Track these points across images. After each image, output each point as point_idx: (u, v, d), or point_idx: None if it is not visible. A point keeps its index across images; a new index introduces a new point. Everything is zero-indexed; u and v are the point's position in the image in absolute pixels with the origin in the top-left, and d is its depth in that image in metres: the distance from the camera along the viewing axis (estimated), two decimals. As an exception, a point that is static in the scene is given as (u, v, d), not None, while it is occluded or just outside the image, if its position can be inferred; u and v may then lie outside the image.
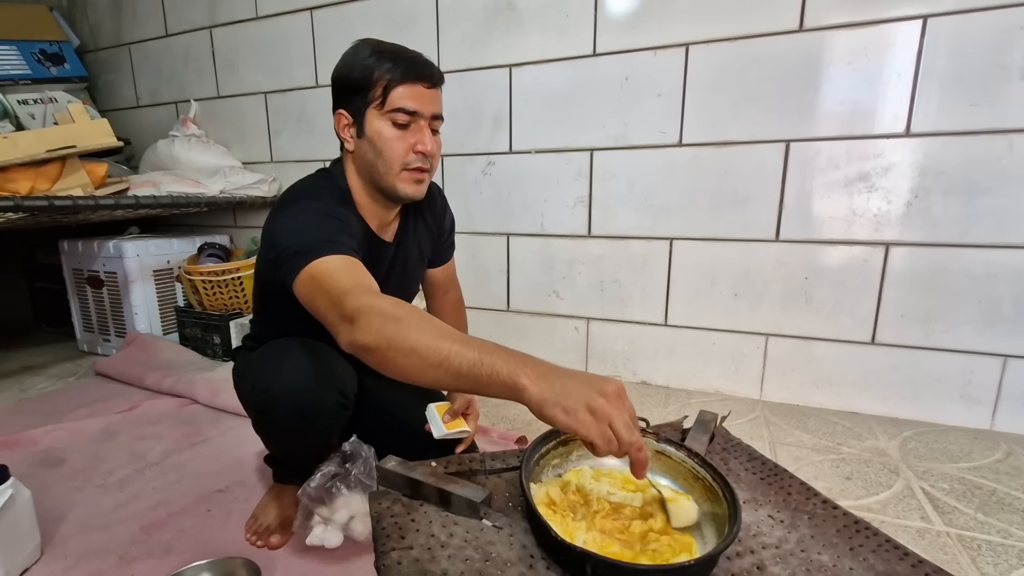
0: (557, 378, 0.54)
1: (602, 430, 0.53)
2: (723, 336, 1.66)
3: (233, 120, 2.30)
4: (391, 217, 0.99)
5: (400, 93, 0.85)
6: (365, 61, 0.86)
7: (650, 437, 0.70)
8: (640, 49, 1.60)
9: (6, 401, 1.68)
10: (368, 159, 0.89)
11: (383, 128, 0.87)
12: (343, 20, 1.97)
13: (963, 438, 1.38)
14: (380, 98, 0.86)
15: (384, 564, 0.54)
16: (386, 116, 0.86)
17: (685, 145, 1.60)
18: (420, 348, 0.58)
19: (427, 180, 0.93)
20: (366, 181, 0.92)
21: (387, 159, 0.87)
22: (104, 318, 2.11)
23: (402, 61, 0.86)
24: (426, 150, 0.88)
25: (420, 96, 0.86)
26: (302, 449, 0.97)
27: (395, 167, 0.88)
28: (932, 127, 1.36)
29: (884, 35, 1.37)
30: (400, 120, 0.86)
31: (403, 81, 0.85)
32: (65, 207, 1.58)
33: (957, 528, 1.02)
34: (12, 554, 0.88)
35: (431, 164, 0.91)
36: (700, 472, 0.65)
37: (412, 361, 0.59)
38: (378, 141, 0.87)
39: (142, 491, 1.17)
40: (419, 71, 0.86)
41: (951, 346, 1.43)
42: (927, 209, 1.40)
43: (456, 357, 0.57)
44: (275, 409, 0.86)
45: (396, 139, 0.87)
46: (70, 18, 2.57)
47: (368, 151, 0.89)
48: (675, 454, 0.69)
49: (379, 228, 0.97)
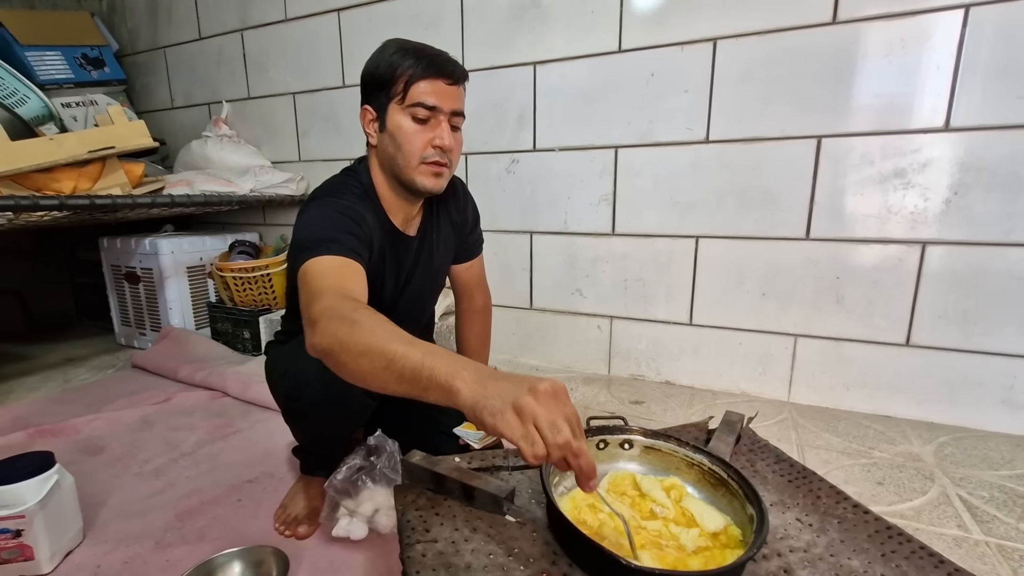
0: (492, 380, 0.52)
1: (526, 431, 0.48)
2: (750, 336, 1.63)
3: (263, 120, 2.36)
4: (415, 212, 1.02)
5: (421, 88, 0.88)
6: (390, 58, 0.89)
7: (639, 435, 0.69)
8: (666, 45, 1.57)
9: (52, 391, 1.76)
10: (389, 152, 0.92)
11: (403, 122, 0.89)
12: (370, 21, 2.00)
13: (1004, 445, 1.33)
14: (402, 93, 0.88)
15: (409, 556, 0.55)
16: (407, 110, 0.89)
17: (712, 142, 1.57)
18: (370, 351, 0.58)
19: (446, 174, 0.94)
20: (388, 175, 0.95)
21: (406, 152, 0.90)
22: (140, 313, 2.19)
23: (424, 58, 0.88)
24: (443, 144, 0.90)
25: (440, 92, 0.89)
26: (330, 436, 0.99)
27: (414, 160, 0.90)
28: (974, 121, 1.31)
29: (923, 26, 1.32)
30: (420, 115, 0.88)
31: (424, 76, 0.87)
32: (105, 205, 1.65)
33: (997, 538, 0.99)
34: (58, 536, 0.93)
35: (450, 159, 0.93)
36: (719, 473, 0.64)
37: (362, 364, 0.59)
38: (398, 135, 0.90)
39: (176, 480, 1.21)
40: (440, 67, 0.89)
41: (992, 349, 1.38)
42: (967, 207, 1.35)
43: (401, 359, 0.55)
44: (305, 395, 0.89)
45: (415, 133, 0.89)
46: (109, 23, 2.66)
47: (389, 145, 0.92)
48: (693, 457, 0.68)
49: (403, 223, 1.00)
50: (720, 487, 0.65)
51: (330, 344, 0.62)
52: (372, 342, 0.58)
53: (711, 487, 0.66)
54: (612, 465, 0.70)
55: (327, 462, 1.03)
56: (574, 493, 0.64)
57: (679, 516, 0.62)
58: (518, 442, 0.48)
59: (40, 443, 1.36)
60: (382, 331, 0.60)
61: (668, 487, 0.66)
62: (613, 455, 0.71)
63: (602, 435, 0.71)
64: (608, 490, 0.66)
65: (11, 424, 1.48)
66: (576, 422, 0.50)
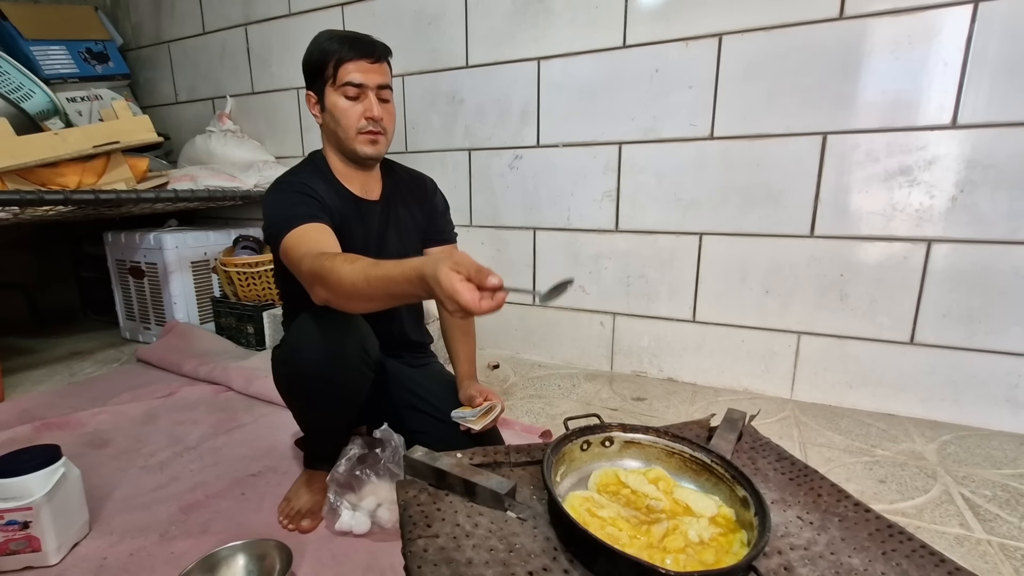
0: (431, 259, 0.66)
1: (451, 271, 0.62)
2: (753, 333, 1.63)
3: (266, 115, 2.36)
4: (371, 180, 1.14)
5: (347, 69, 1.01)
6: (321, 46, 1.02)
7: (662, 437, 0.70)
8: (671, 40, 1.56)
9: (57, 384, 1.78)
10: (331, 129, 1.06)
11: (338, 101, 1.03)
12: (373, 16, 1.99)
13: (1008, 443, 1.32)
14: (332, 76, 1.02)
15: (411, 551, 0.56)
16: (339, 90, 1.02)
17: (717, 138, 1.57)
18: (356, 289, 0.74)
19: (382, 141, 1.07)
20: (336, 148, 1.09)
21: (344, 126, 1.04)
22: (145, 307, 2.20)
23: (347, 42, 1.01)
24: (373, 115, 1.03)
25: (365, 70, 1.01)
26: (329, 411, 1.00)
27: (351, 132, 1.04)
28: (981, 118, 1.30)
29: (930, 22, 1.31)
30: (350, 93, 1.02)
31: (349, 59, 1.01)
32: (110, 200, 1.65)
33: (999, 536, 0.99)
34: (65, 529, 0.94)
35: (384, 127, 1.06)
36: (720, 471, 0.64)
37: (355, 302, 0.78)
38: (335, 112, 1.03)
39: (181, 473, 1.22)
40: (362, 48, 1.01)
41: (997, 348, 1.37)
42: (974, 204, 1.34)
43: (376, 281, 0.72)
44: (300, 359, 0.94)
45: (349, 108, 1.03)
46: (113, 17, 2.66)
47: (330, 122, 1.05)
48: (696, 456, 0.68)
49: (362, 190, 1.12)
50: (704, 472, 0.66)
51: (327, 296, 0.80)
52: (354, 280, 0.74)
53: (694, 473, 0.68)
54: (596, 464, 0.71)
55: (330, 454, 1.05)
56: (572, 496, 0.64)
57: (674, 506, 0.63)
58: (455, 285, 0.61)
59: (46, 436, 1.38)
60: (354, 269, 0.75)
61: (654, 479, 0.67)
62: (596, 455, 0.71)
63: (584, 436, 0.71)
64: (598, 489, 0.66)
65: (18, 417, 1.50)
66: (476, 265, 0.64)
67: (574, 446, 0.70)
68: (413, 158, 2.03)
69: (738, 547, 0.56)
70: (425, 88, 1.96)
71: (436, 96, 1.95)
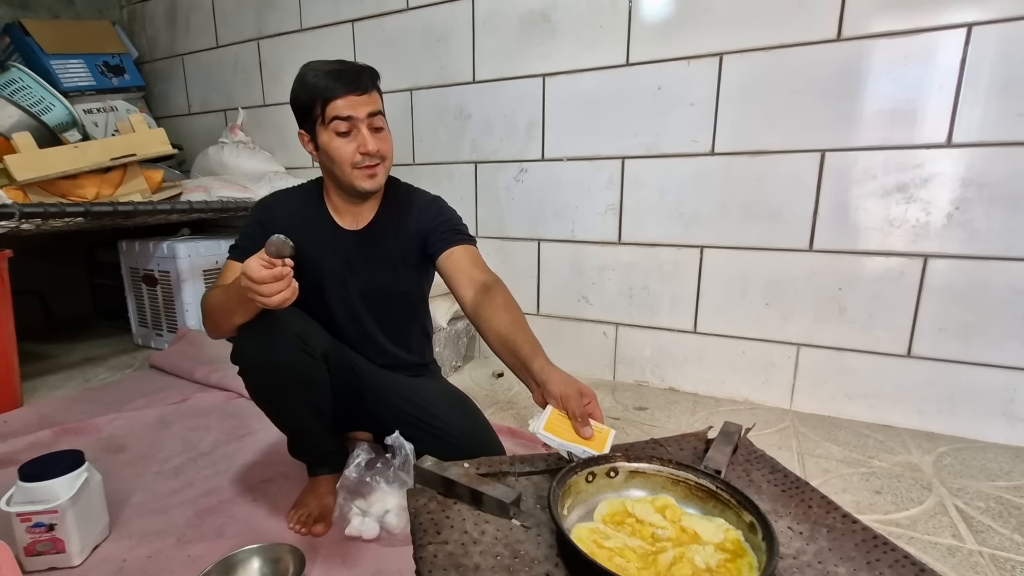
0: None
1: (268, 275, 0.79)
2: (753, 345, 1.66)
3: (277, 127, 2.41)
4: (367, 208, 1.14)
5: (336, 107, 0.99)
6: (307, 85, 1.01)
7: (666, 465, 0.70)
8: (673, 59, 1.61)
9: (73, 390, 1.82)
10: (327, 167, 1.06)
11: (330, 139, 1.01)
12: (383, 32, 2.05)
13: (1003, 456, 1.35)
14: (321, 114, 1.00)
15: (422, 556, 0.59)
16: (329, 128, 1.00)
17: (718, 154, 1.60)
18: (213, 312, 0.96)
19: (380, 172, 1.06)
20: (334, 183, 1.09)
21: (339, 163, 1.02)
22: (158, 314, 2.25)
23: (331, 76, 0.99)
24: (368, 150, 1.01)
25: (352, 104, 0.99)
26: (287, 401, 1.03)
27: (347, 168, 1.02)
28: (976, 137, 1.33)
29: (926, 44, 1.34)
30: (341, 128, 1.00)
31: (335, 96, 0.98)
32: (127, 212, 1.71)
33: (991, 548, 1.01)
34: (87, 531, 0.98)
35: (381, 156, 1.04)
36: (726, 498, 0.65)
37: (213, 327, 1.00)
38: (329, 150, 1.02)
39: (195, 478, 1.26)
40: (347, 82, 0.99)
41: (993, 361, 1.40)
42: (969, 221, 1.37)
43: (228, 300, 0.90)
44: (239, 355, 0.98)
45: (342, 145, 1.01)
46: (129, 31, 2.73)
47: (326, 160, 1.05)
48: (701, 483, 0.68)
49: (352, 220, 1.13)
50: (710, 499, 0.67)
51: (205, 326, 1.01)
52: (212, 305, 0.95)
53: (700, 500, 0.68)
54: (602, 496, 0.70)
55: (319, 458, 1.12)
56: (579, 528, 0.64)
57: (680, 535, 0.63)
58: (248, 262, 0.80)
59: (65, 441, 1.42)
60: (214, 297, 0.94)
61: (661, 507, 0.67)
62: (602, 486, 0.71)
63: (588, 467, 0.70)
64: (604, 521, 0.65)
65: (37, 422, 1.54)
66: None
67: (579, 478, 0.69)
68: (420, 170, 2.08)
69: (747, 572, 0.57)
70: (433, 102, 2.01)
71: (444, 110, 2.00)
